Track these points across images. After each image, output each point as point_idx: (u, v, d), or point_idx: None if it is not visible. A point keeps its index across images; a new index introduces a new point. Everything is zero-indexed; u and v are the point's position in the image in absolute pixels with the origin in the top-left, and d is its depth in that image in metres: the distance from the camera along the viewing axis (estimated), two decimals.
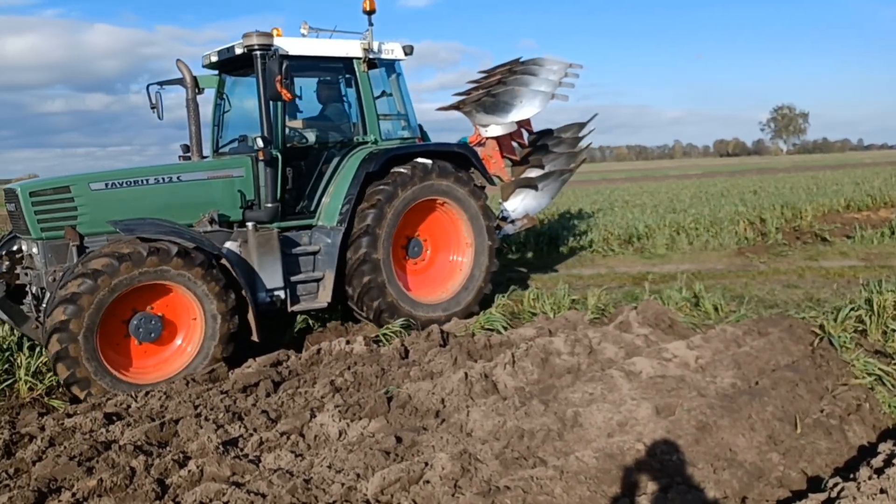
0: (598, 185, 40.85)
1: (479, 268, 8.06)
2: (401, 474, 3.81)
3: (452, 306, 7.90)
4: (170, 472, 4.10)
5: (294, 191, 7.35)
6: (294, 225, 7.38)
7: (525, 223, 9.41)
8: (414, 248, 8.14)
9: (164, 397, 5.46)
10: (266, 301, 6.82)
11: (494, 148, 9.29)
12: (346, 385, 5.54)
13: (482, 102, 8.93)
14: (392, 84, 8.16)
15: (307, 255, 7.29)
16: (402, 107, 8.23)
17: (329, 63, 7.73)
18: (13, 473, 4.18)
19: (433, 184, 7.70)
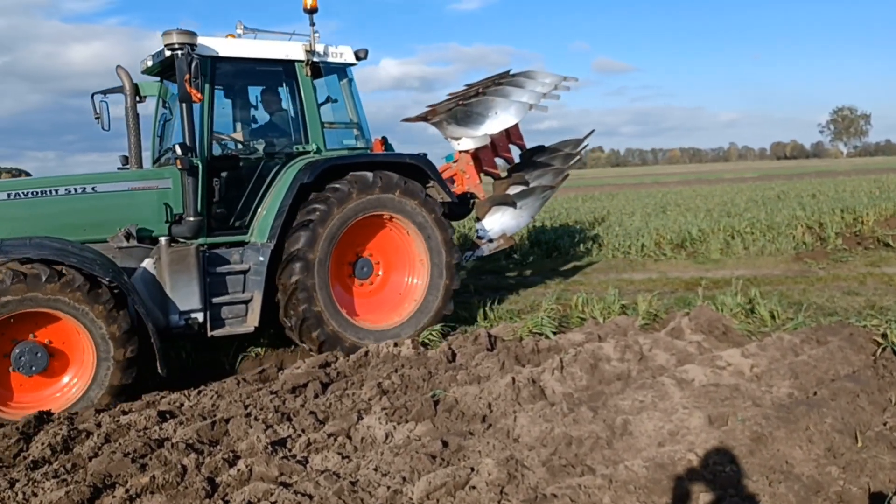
0: (650, 189, 40.24)
1: (436, 288, 7.44)
2: (447, 479, 3.79)
3: (407, 331, 7.29)
4: (220, 471, 4.16)
5: (225, 204, 6.81)
6: (224, 241, 6.83)
7: (501, 243, 8.80)
8: (362, 268, 7.50)
9: (215, 396, 5.56)
10: (179, 324, 6.28)
11: (468, 162, 8.74)
12: (393, 388, 5.55)
13: (453, 113, 8.41)
14: (343, 90, 7.66)
15: (236, 275, 6.68)
16: (354, 115, 7.69)
17: (268, 66, 7.20)
18: (70, 468, 4.30)
19: (377, 198, 7.04)
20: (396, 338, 7.02)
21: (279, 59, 7.11)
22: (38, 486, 4.01)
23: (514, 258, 13.15)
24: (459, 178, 8.81)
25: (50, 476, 4.16)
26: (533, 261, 12.88)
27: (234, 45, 6.88)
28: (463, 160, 8.73)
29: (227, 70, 6.93)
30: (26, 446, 4.67)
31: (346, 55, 7.51)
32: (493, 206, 8.95)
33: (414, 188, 7.28)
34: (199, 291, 6.36)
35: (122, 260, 6.25)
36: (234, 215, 6.87)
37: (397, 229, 7.41)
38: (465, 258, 8.70)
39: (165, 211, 6.55)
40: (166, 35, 6.28)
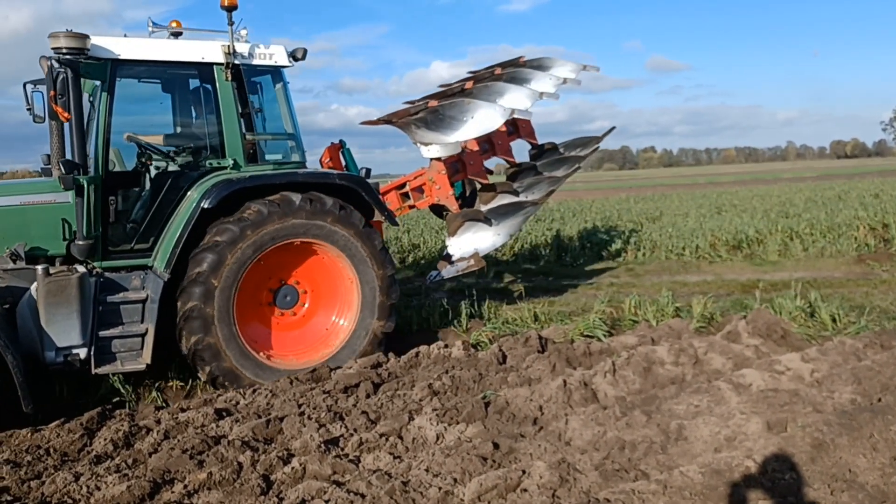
0: (705, 189, 39.45)
1: (364, 328, 6.62)
2: (498, 481, 3.78)
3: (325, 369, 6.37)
4: (274, 469, 4.23)
5: (125, 224, 6.17)
6: (123, 265, 6.13)
7: (471, 264, 7.85)
8: (285, 297, 6.65)
9: (270, 395, 5.66)
10: (57, 361, 5.53)
11: (440, 171, 7.92)
12: (444, 389, 5.56)
13: (422, 117, 7.55)
14: (278, 96, 6.87)
15: (132, 304, 5.93)
16: (289, 124, 6.89)
17: (181, 70, 6.47)
18: (131, 463, 4.43)
19: (304, 224, 6.26)
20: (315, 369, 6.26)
21: (193, 62, 6.33)
22: (101, 480, 4.14)
23: (565, 260, 13.05)
24: (429, 188, 7.97)
25: (112, 471, 4.29)
26: (584, 262, 12.76)
27: (138, 46, 6.15)
28: (433, 168, 7.93)
29: (131, 74, 6.21)
30: (90, 441, 4.83)
31: (278, 56, 6.70)
32: (467, 222, 8.05)
33: (350, 217, 6.47)
34: (79, 325, 5.61)
35: (10, 282, 5.69)
36: (135, 237, 6.19)
37: (329, 258, 6.59)
38: (430, 278, 8.11)
39: (63, 228, 5.87)
40: (53, 38, 5.65)
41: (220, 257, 5.98)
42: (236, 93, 6.42)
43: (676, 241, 13.63)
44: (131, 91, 6.49)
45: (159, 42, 6.30)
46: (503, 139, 9.01)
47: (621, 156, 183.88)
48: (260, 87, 6.95)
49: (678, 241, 13.50)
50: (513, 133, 9.46)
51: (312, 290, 6.74)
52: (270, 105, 6.98)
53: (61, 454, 4.64)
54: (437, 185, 7.98)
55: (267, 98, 6.97)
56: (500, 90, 7.88)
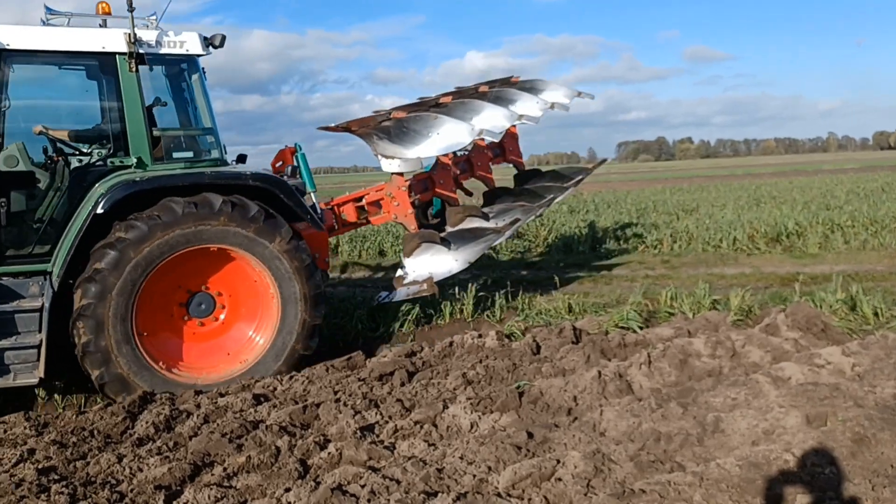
0: (743, 180, 38.81)
1: (281, 347, 6.09)
2: (532, 470, 3.79)
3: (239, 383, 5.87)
4: (311, 454, 4.30)
5: (18, 227, 5.75)
6: (18, 271, 5.72)
7: (423, 289, 7.36)
8: (200, 305, 6.17)
9: (306, 382, 5.74)
10: None
11: (400, 187, 7.48)
12: (478, 378, 5.58)
13: (386, 128, 7.18)
14: (195, 87, 6.40)
15: (28, 313, 5.51)
16: (206, 118, 6.41)
17: (79, 60, 6.05)
18: (172, 446, 4.54)
19: (220, 230, 5.78)
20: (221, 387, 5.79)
21: (92, 52, 5.89)
22: (143, 462, 4.25)
23: (600, 251, 12.96)
24: (387, 204, 7.53)
25: (154, 453, 4.40)
26: (618, 254, 12.66)
27: (31, 35, 5.73)
28: (394, 183, 7.49)
29: (23, 64, 5.77)
30: (132, 424, 4.96)
31: (190, 44, 6.20)
32: (424, 243, 7.54)
33: (276, 227, 5.96)
34: None
35: None
36: (33, 240, 5.79)
37: (250, 268, 6.09)
38: (379, 298, 7.80)
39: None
40: None
41: (123, 255, 5.53)
42: (141, 85, 5.95)
43: (714, 232, 13.43)
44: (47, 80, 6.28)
45: (55, 31, 5.88)
46: (483, 159, 8.75)
47: (657, 147, 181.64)
48: (172, 77, 6.51)
49: (715, 233, 13.31)
50: (498, 155, 9.30)
51: (231, 300, 6.26)
52: (184, 98, 6.52)
53: (105, 436, 4.77)
54: (395, 202, 7.52)
55: (180, 90, 6.51)
56: (477, 108, 7.57)
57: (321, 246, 7.02)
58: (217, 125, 6.52)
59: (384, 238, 14.69)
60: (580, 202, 24.70)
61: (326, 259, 7.18)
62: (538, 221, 16.67)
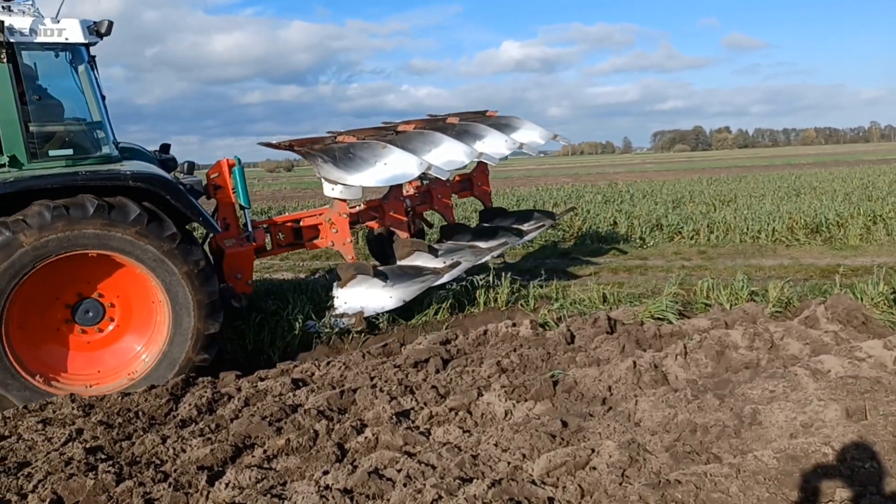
0: (782, 171, 38.08)
1: (173, 357, 5.73)
2: (567, 458, 3.81)
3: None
4: (348, 438, 4.37)
5: None
6: None
7: (353, 322, 7.10)
8: (87, 312, 5.83)
9: (343, 367, 5.82)
10: None
11: (341, 214, 7.22)
12: (513, 366, 5.61)
13: (330, 151, 6.93)
14: (81, 78, 6.01)
15: None
16: (95, 111, 6.03)
17: None
18: (214, 428, 4.65)
19: (96, 234, 5.39)
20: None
21: None
22: (187, 443, 4.36)
23: (634, 241, 12.86)
24: (325, 229, 7.28)
25: (196, 434, 4.52)
26: (654, 244, 12.55)
27: None
28: (335, 209, 7.23)
29: None
30: (175, 406, 5.08)
31: (70, 32, 5.79)
32: (359, 275, 7.21)
33: (161, 230, 5.57)
34: None
35: None
36: None
37: (137, 272, 5.71)
38: (308, 327, 7.36)
39: None
40: None
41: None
42: (13, 76, 5.57)
43: (752, 223, 13.24)
44: None
45: None
46: (444, 192, 8.60)
47: (694, 136, 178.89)
48: (53, 68, 6.09)
49: (753, 224, 13.11)
50: (465, 189, 9.27)
51: (122, 306, 5.93)
52: (67, 89, 6.08)
53: (149, 417, 4.90)
54: (334, 228, 7.25)
55: (63, 81, 6.05)
56: (436, 141, 7.37)
57: (244, 265, 6.71)
58: (108, 118, 6.13)
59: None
60: (615, 192, 24.49)
61: (249, 281, 6.81)
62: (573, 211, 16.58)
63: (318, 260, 12.42)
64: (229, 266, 6.69)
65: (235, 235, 6.91)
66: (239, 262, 6.68)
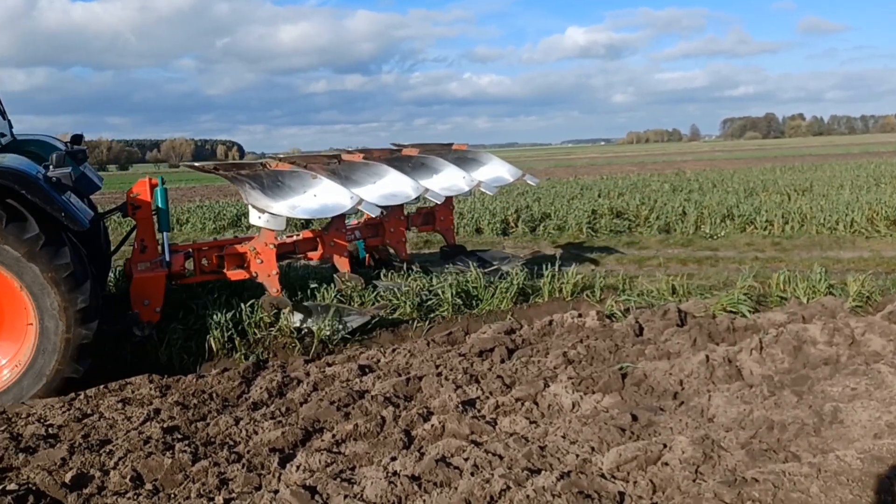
0: (860, 159, 36.48)
1: (39, 368, 5.21)
2: (637, 453, 3.74)
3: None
4: (415, 425, 4.39)
5: None
6: None
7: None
8: None
9: (408, 355, 5.85)
10: None
11: (268, 244, 6.79)
12: (579, 358, 5.54)
13: (258, 177, 6.60)
14: None
15: None
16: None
17: None
18: (284, 411, 4.74)
19: None
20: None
21: None
22: (258, 426, 4.46)
23: (704, 231, 12.53)
24: (250, 259, 6.84)
25: (268, 417, 4.62)
26: (725, 235, 12.20)
27: None
28: (262, 238, 6.79)
29: None
30: (247, 389, 5.21)
31: None
32: (275, 311, 6.62)
33: (21, 231, 5.08)
34: None
35: None
36: None
37: (2, 278, 5.21)
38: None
39: None
40: None
41: None
42: None
43: (829, 214, 12.72)
44: None
45: None
46: (397, 226, 8.31)
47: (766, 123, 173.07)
48: None
49: (831, 215, 12.60)
50: (427, 224, 8.97)
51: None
52: None
53: (222, 399, 5.03)
54: (259, 259, 6.80)
55: None
56: (381, 173, 7.14)
57: (152, 291, 6.30)
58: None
59: (481, 215, 14.71)
60: (683, 181, 23.92)
61: (158, 308, 6.32)
62: (639, 199, 16.27)
63: None
64: (136, 291, 6.28)
65: (150, 259, 6.54)
66: (147, 288, 6.28)
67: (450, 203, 8.85)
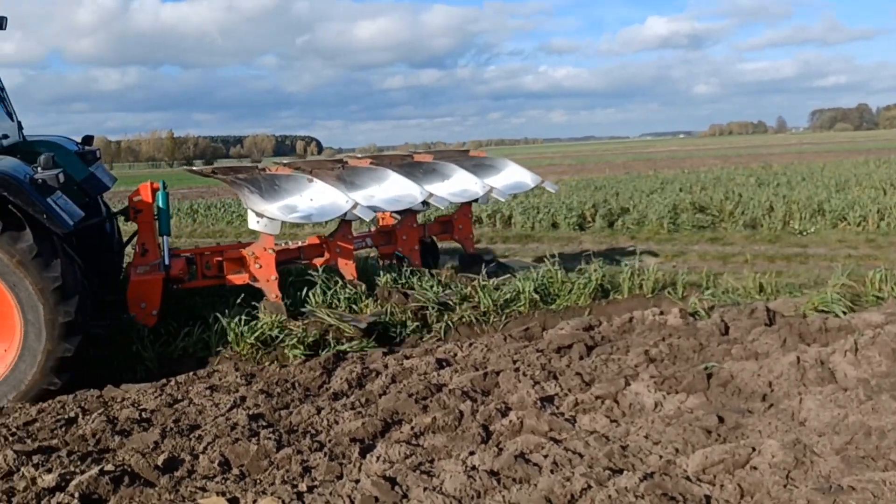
0: None
1: (17, 378, 5.13)
2: (725, 456, 3.61)
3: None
4: (493, 420, 4.38)
5: None
6: None
7: None
8: None
9: (485, 350, 5.85)
10: None
11: (266, 249, 6.64)
12: (661, 356, 5.41)
13: (255, 181, 6.57)
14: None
15: None
16: None
17: None
18: (364, 402, 4.81)
19: None
20: None
21: None
22: (339, 416, 4.54)
23: (793, 227, 12.04)
24: (249, 263, 6.70)
25: (348, 407, 4.69)
26: (815, 231, 11.68)
27: None
28: (261, 243, 6.67)
29: None
30: (328, 379, 5.31)
31: None
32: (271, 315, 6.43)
33: (14, 240, 5.04)
34: None
35: None
36: None
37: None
38: None
39: None
40: None
41: None
42: None
43: None
44: None
45: None
46: (410, 234, 7.97)
47: (858, 114, 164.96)
48: None
49: None
50: (445, 232, 8.68)
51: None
52: None
53: (304, 388, 5.15)
54: (258, 263, 6.67)
55: None
56: (383, 177, 7.10)
57: (149, 295, 6.28)
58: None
59: (557, 210, 14.56)
60: (770, 174, 23.05)
61: (154, 312, 6.29)
62: (723, 194, 15.77)
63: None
64: (133, 294, 6.26)
65: (150, 262, 6.50)
66: (143, 291, 6.28)
67: (468, 211, 8.73)
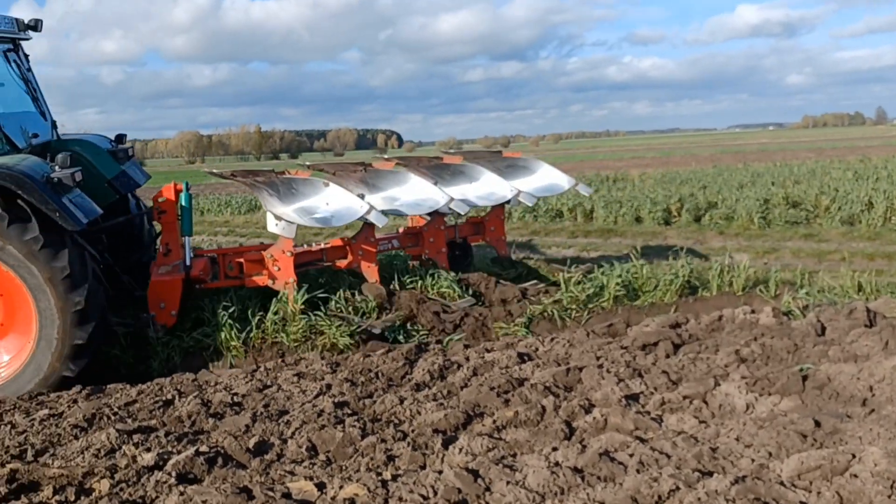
0: None
1: (36, 365, 5.39)
2: (822, 462, 3.45)
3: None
4: (576, 416, 4.33)
5: None
6: None
7: None
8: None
9: (567, 345, 5.79)
10: None
11: (285, 251, 6.58)
12: (753, 357, 5.22)
13: (273, 184, 6.60)
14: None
15: None
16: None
17: None
18: (446, 394, 4.84)
19: None
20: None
21: None
22: (421, 406, 4.58)
23: (893, 224, 11.38)
24: (268, 265, 6.68)
25: (430, 398, 4.73)
26: None
27: None
28: (280, 246, 6.62)
29: None
30: (410, 370, 5.38)
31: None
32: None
33: (22, 232, 5.30)
34: None
35: None
36: None
37: (9, 276, 5.44)
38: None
39: None
40: None
41: None
42: None
43: None
44: None
45: None
46: (437, 236, 7.68)
47: None
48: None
49: None
50: (477, 234, 8.36)
51: (4, 307, 5.68)
52: None
53: (388, 378, 5.23)
54: (276, 266, 6.63)
55: None
56: (405, 180, 7.09)
57: (169, 295, 6.36)
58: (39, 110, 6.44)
59: (642, 203, 14.25)
60: (869, 168, 21.88)
61: (174, 312, 6.38)
62: (818, 188, 15.09)
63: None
64: (153, 293, 6.40)
65: (172, 262, 6.64)
66: (163, 291, 6.39)
67: (500, 213, 8.52)
